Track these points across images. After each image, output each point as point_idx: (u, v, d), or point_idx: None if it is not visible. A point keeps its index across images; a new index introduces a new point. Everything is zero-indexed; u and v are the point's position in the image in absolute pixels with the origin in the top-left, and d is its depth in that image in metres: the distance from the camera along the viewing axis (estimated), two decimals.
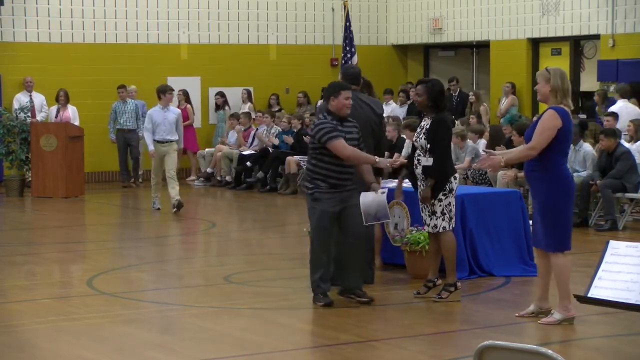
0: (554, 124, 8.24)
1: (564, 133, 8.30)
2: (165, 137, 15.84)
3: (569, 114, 8.37)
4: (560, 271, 8.37)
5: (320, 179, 9.05)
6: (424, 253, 10.06)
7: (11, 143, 18.45)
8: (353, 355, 7.65)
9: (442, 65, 23.76)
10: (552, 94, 8.35)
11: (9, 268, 11.38)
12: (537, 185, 8.42)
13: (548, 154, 8.28)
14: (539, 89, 8.47)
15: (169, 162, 15.83)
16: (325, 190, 9.04)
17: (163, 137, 15.83)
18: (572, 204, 8.54)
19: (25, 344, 8.03)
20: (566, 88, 8.36)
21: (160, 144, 15.84)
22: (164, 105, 15.93)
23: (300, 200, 17.77)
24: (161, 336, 8.28)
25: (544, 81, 8.40)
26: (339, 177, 9.06)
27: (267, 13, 22.48)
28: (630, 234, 13.64)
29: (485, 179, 15.60)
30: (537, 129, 8.31)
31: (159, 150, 15.83)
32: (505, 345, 4.18)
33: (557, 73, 8.40)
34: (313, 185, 9.10)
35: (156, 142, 15.81)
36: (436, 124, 9.25)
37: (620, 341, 8.09)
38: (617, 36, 19.19)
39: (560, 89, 8.32)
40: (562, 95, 8.32)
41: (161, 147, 15.84)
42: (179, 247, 13.42)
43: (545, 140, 8.23)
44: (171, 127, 15.85)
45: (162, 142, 15.84)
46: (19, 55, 20.11)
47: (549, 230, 8.35)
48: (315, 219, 9.14)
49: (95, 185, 20.43)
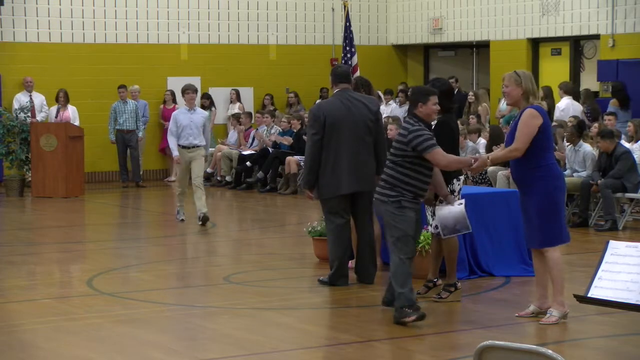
0: (534, 122, 8.33)
1: (546, 128, 8.43)
2: (192, 142, 14.31)
3: (545, 110, 8.50)
4: (555, 264, 8.42)
5: (406, 189, 8.45)
6: (424, 253, 10.06)
7: (11, 143, 18.46)
8: (353, 355, 7.65)
9: (442, 65, 23.77)
10: (524, 97, 8.44)
11: (9, 268, 11.38)
12: (531, 184, 8.43)
13: (536, 151, 8.36)
14: (508, 92, 8.50)
15: (195, 168, 14.38)
16: (410, 199, 8.48)
17: (189, 142, 14.31)
18: (564, 199, 8.72)
19: (25, 344, 8.03)
20: (536, 90, 8.51)
21: (185, 150, 14.32)
22: (189, 106, 14.43)
23: (300, 200, 17.78)
24: (161, 336, 8.28)
25: (514, 84, 8.46)
26: (424, 187, 8.58)
27: (267, 13, 22.49)
28: (630, 234, 13.64)
29: (485, 178, 15.61)
30: (518, 130, 8.37)
31: (185, 157, 14.31)
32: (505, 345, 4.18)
33: (527, 76, 8.52)
34: (397, 193, 8.44)
35: (181, 148, 14.30)
36: (438, 126, 9.26)
37: (620, 341, 8.09)
38: (617, 36, 19.19)
39: (531, 92, 8.43)
40: (533, 97, 8.43)
41: (187, 153, 14.32)
42: (179, 247, 13.41)
43: (528, 140, 8.32)
44: (198, 130, 14.32)
45: (188, 147, 14.31)
46: (19, 55, 20.11)
47: (545, 227, 8.39)
48: (404, 227, 8.43)
49: (95, 185, 20.44)
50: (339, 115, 9.85)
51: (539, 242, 8.49)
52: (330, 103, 10.06)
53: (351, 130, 9.85)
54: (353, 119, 9.87)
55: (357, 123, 9.87)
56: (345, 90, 10.02)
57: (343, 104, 9.90)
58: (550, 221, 8.40)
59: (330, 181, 9.85)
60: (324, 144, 9.86)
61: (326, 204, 10.00)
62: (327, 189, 9.89)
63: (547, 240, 8.44)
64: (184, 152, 14.31)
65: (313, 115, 10.03)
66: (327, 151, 9.86)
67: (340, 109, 9.88)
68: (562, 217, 8.53)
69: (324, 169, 9.87)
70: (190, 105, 14.38)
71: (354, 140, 9.86)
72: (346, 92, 10.01)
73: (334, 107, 9.92)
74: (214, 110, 21.49)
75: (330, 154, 9.85)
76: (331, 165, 9.84)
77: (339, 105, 9.91)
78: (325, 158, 9.86)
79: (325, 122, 9.84)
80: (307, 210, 16.31)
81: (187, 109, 14.38)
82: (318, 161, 9.87)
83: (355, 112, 9.88)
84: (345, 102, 9.91)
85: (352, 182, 9.85)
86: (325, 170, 9.87)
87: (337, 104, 9.93)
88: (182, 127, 14.25)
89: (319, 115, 9.91)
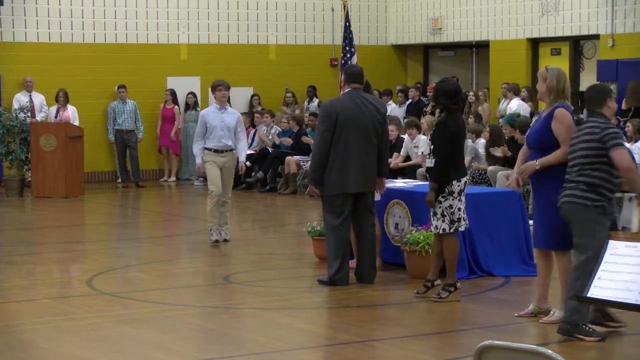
0: (570, 120, 8.30)
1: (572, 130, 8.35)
2: (226, 144, 12.47)
3: (571, 110, 8.44)
4: (565, 269, 8.35)
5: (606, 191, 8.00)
6: (423, 253, 10.06)
7: (11, 143, 18.45)
8: (353, 355, 7.65)
9: (441, 65, 23.77)
10: (547, 94, 8.43)
11: (9, 268, 11.38)
12: (542, 181, 8.39)
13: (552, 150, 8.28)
14: (538, 87, 8.59)
15: (227, 181, 12.59)
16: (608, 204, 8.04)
17: (223, 144, 12.46)
18: None
19: (25, 344, 8.03)
20: (561, 88, 8.38)
21: (218, 154, 12.45)
22: (220, 104, 12.69)
23: (300, 200, 17.80)
24: (161, 336, 8.28)
25: (541, 80, 8.49)
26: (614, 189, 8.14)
27: (267, 13, 22.48)
28: (630, 234, 13.64)
29: (485, 178, 15.61)
30: (559, 134, 8.26)
31: (217, 162, 12.45)
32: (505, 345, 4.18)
33: (554, 73, 8.44)
34: (599, 197, 7.97)
35: (213, 152, 12.44)
36: (438, 126, 9.29)
37: (621, 341, 8.09)
38: (616, 36, 19.19)
39: (554, 89, 8.36)
40: (555, 95, 8.37)
41: (220, 157, 12.44)
42: (179, 247, 13.41)
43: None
44: (230, 132, 12.51)
45: (221, 150, 12.47)
46: (19, 55, 20.10)
47: (552, 228, 8.32)
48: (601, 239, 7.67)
49: (95, 185, 20.43)
50: (351, 114, 9.90)
51: (544, 242, 8.45)
52: (343, 101, 10.07)
53: (361, 130, 9.90)
54: (364, 119, 9.93)
55: (366, 124, 9.94)
56: (357, 90, 10.07)
57: (355, 104, 9.96)
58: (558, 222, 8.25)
59: (337, 179, 9.86)
60: (333, 141, 9.88)
61: (330, 202, 9.97)
62: (333, 187, 9.89)
63: (552, 242, 8.36)
64: (215, 157, 12.44)
65: (325, 111, 10.03)
66: (336, 148, 9.87)
67: (353, 108, 9.93)
68: None
69: (332, 166, 9.87)
70: (222, 103, 12.62)
71: (363, 140, 9.91)
72: (357, 92, 10.06)
73: (346, 106, 9.96)
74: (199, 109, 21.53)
75: (339, 151, 9.86)
76: (339, 162, 9.85)
77: (352, 104, 9.96)
78: (333, 155, 9.87)
79: (337, 119, 9.86)
80: (306, 210, 16.32)
81: (218, 108, 12.61)
82: (326, 157, 9.88)
83: (367, 113, 9.95)
84: (357, 102, 9.97)
85: (360, 181, 9.89)
86: (332, 167, 9.87)
87: (350, 103, 9.97)
88: (212, 128, 12.46)
89: (332, 112, 9.93)
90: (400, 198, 10.75)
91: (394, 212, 10.78)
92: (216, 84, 12.74)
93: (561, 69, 8.68)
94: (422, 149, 16.20)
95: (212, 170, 12.48)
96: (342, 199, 9.90)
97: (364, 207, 9.99)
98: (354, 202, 9.97)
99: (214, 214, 12.56)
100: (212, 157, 12.44)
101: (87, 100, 20.41)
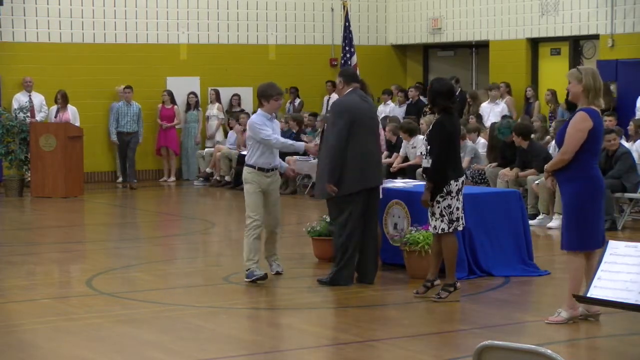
0: (585, 125, 8.15)
1: (595, 133, 8.21)
2: (274, 163, 10.35)
3: (599, 114, 8.29)
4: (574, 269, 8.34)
5: None
6: (423, 253, 10.06)
7: (10, 143, 18.45)
8: (353, 355, 7.66)
9: (441, 65, 23.76)
10: (584, 94, 8.22)
11: (8, 268, 11.38)
12: (565, 185, 8.35)
13: (578, 154, 8.19)
14: (570, 89, 8.31)
15: (275, 207, 10.42)
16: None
17: (270, 163, 10.30)
18: (600, 205, 8.36)
19: (25, 344, 8.03)
20: (598, 87, 8.23)
21: (263, 174, 10.24)
22: (269, 111, 10.43)
23: (300, 200, 17.79)
24: (161, 336, 8.28)
25: (575, 81, 8.25)
26: None
27: (267, 13, 22.48)
28: (629, 234, 13.64)
29: (484, 178, 15.61)
30: (567, 134, 8.21)
31: (261, 183, 10.24)
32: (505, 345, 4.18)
33: (589, 72, 8.28)
34: None
35: (257, 171, 10.23)
36: (434, 126, 9.31)
37: (620, 341, 8.09)
38: (616, 36, 19.19)
39: (592, 88, 8.19)
40: (594, 95, 8.20)
41: (265, 178, 10.25)
42: (179, 247, 13.42)
43: (577, 143, 8.14)
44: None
45: (267, 170, 10.28)
46: (19, 55, 20.11)
47: (568, 230, 8.29)
48: None
49: (95, 185, 20.43)
50: (363, 110, 10.06)
51: (562, 243, 8.45)
52: (353, 100, 10.14)
53: (371, 126, 10.12)
54: (372, 115, 10.30)
55: (374, 120, 10.31)
56: (357, 90, 10.20)
57: (362, 101, 10.14)
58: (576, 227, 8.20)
59: (359, 175, 9.89)
60: (350, 138, 9.91)
61: (347, 200, 9.91)
62: (355, 183, 9.89)
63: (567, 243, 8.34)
64: (260, 177, 10.22)
65: (340, 111, 10.05)
66: (354, 145, 9.91)
67: (362, 105, 10.09)
68: (590, 224, 8.26)
69: (351, 162, 9.87)
70: (273, 111, 10.49)
71: (374, 134, 10.18)
72: (358, 90, 10.21)
73: (357, 104, 10.07)
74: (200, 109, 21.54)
75: (356, 147, 9.91)
76: (358, 159, 9.89)
77: (360, 102, 10.11)
78: (352, 152, 9.89)
79: (351, 118, 9.91)
80: (306, 210, 16.32)
81: (268, 117, 10.37)
82: (344, 156, 9.88)
83: (373, 110, 10.41)
84: (363, 99, 10.19)
85: (377, 175, 10.08)
86: (352, 164, 9.87)
87: (359, 101, 10.10)
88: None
89: (348, 109, 9.99)
90: (399, 198, 10.75)
91: (393, 212, 10.78)
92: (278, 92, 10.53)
93: (594, 67, 8.57)
94: (420, 149, 16.21)
95: (255, 195, 10.25)
96: (360, 196, 9.91)
97: (373, 203, 10.02)
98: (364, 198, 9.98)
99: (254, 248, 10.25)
100: (256, 177, 10.23)
101: (86, 100, 20.41)
